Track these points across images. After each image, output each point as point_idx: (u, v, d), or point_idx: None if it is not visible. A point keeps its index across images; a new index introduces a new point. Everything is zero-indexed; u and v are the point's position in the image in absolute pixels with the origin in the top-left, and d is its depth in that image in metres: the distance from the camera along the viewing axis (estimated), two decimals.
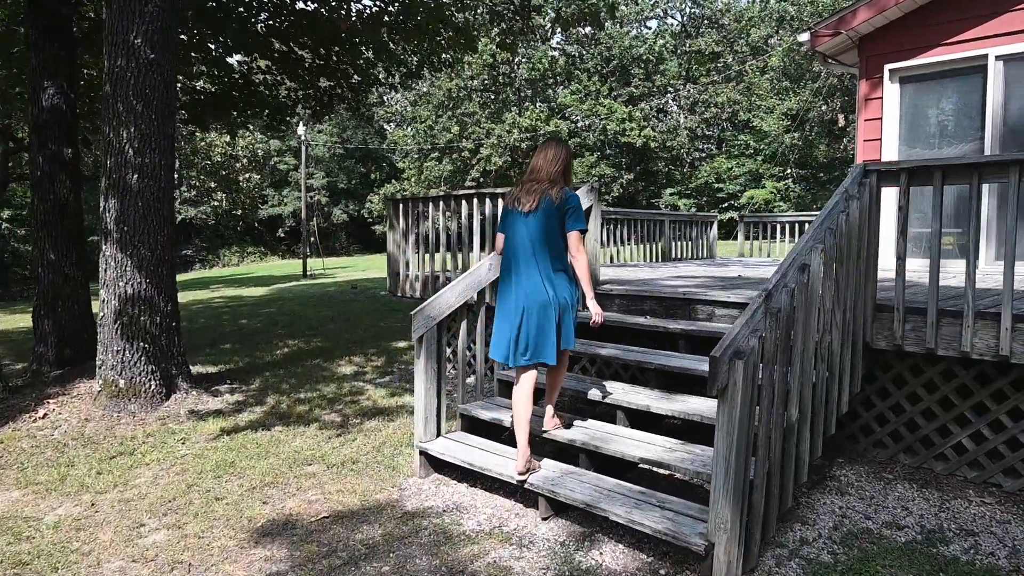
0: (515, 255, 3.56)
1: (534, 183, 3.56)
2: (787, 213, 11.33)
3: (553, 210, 3.48)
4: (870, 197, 3.73)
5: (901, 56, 6.95)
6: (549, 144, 3.69)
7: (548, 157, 3.62)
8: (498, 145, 41.49)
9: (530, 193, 3.54)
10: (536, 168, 3.62)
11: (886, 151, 7.12)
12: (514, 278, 3.56)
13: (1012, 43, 6.30)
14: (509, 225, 3.63)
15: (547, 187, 3.51)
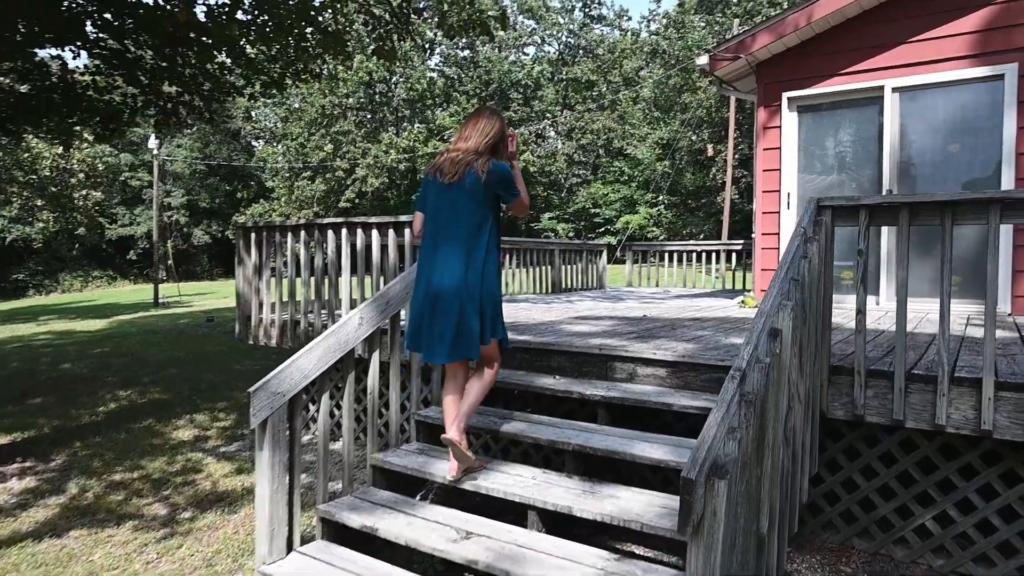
0: (435, 233, 3.18)
1: (459, 152, 3.18)
2: (675, 242, 11.06)
3: (479, 185, 3.11)
4: (826, 238, 3.12)
5: (800, 84, 6.69)
6: (481, 113, 3.27)
7: (479, 126, 3.22)
8: (375, 166, 40.05)
9: (455, 164, 3.15)
10: (464, 137, 3.22)
11: (785, 181, 6.81)
12: (433, 260, 3.17)
13: (907, 75, 6.16)
14: (428, 199, 3.24)
15: (473, 158, 3.14)
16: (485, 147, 3.19)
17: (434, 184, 3.21)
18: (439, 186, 3.18)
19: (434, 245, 3.17)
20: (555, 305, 7.33)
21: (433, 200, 3.21)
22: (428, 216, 3.23)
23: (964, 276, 6.06)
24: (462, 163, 3.13)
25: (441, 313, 3.08)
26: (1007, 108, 5.75)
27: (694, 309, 6.68)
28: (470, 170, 3.12)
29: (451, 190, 3.13)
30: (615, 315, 6.04)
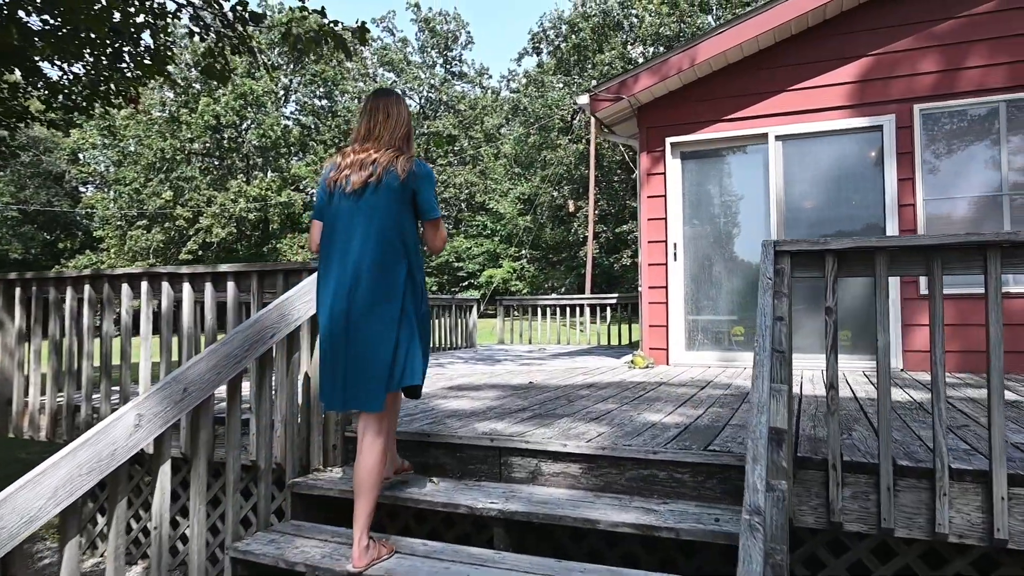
0: (339, 250, 2.49)
1: (368, 152, 2.51)
2: (549, 296, 10.46)
3: (398, 188, 2.48)
4: (789, 291, 2.43)
5: (683, 129, 6.32)
6: (383, 98, 2.59)
7: (388, 115, 2.56)
8: (221, 215, 37.17)
9: (364, 166, 2.48)
10: (368, 130, 2.55)
11: (671, 231, 6.35)
12: (336, 283, 2.47)
13: (791, 123, 5.95)
14: (330, 210, 2.55)
15: (391, 156, 2.50)
16: (400, 140, 2.55)
17: (336, 194, 2.52)
18: (342, 195, 2.50)
19: (340, 266, 2.46)
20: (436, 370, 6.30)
21: (336, 211, 2.50)
22: (329, 228, 2.52)
23: (853, 330, 5.79)
24: (373, 164, 2.46)
25: (348, 350, 2.41)
26: (887, 159, 5.63)
27: (582, 372, 5.94)
28: (389, 170, 2.46)
29: (361, 199, 2.46)
30: (497, 383, 5.14)
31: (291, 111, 46.00)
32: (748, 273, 6.15)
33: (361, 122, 2.56)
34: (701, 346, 6.33)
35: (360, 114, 2.59)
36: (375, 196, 2.45)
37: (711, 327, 6.30)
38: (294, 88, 44.17)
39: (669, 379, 5.22)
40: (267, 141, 39.32)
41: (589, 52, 32.06)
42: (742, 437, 2.87)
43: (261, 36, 37.90)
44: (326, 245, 2.51)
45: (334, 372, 2.43)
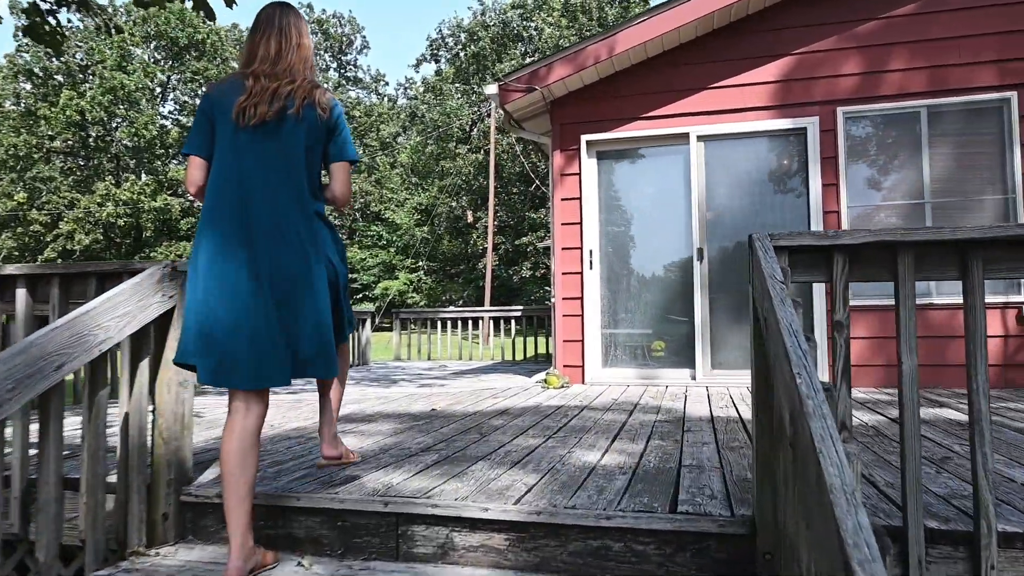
0: (240, 196, 1.93)
1: (274, 77, 1.99)
2: (450, 309, 9.73)
3: (318, 126, 2.02)
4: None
5: (600, 127, 5.81)
6: (291, 15, 2.08)
7: (300, 41, 2.07)
8: (85, 220, 33.80)
9: (277, 97, 1.96)
10: (280, 53, 2.03)
11: (587, 237, 5.80)
12: (239, 233, 1.91)
13: (713, 123, 5.56)
14: (223, 144, 1.97)
15: (309, 88, 2.02)
16: (309, 67, 2.09)
17: (231, 125, 1.97)
18: (238, 130, 1.97)
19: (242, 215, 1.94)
20: (300, 396, 5.41)
21: (233, 148, 1.97)
22: (221, 168, 1.98)
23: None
24: (290, 95, 1.99)
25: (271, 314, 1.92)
26: (812, 164, 5.34)
27: (491, 394, 5.24)
28: (306, 102, 2.01)
29: (267, 133, 1.98)
30: (393, 411, 4.35)
31: (170, 110, 42.84)
32: (669, 283, 5.69)
33: (265, 42, 2.04)
34: (619, 362, 5.81)
35: (261, 30, 2.06)
36: (292, 134, 1.98)
37: (629, 342, 5.79)
38: (172, 86, 41.18)
39: (590, 401, 4.62)
40: (140, 141, 36.27)
41: (488, 62, 31.73)
42: (706, 484, 2.26)
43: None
44: (218, 189, 1.96)
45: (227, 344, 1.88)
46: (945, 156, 5.17)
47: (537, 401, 4.73)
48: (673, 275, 5.68)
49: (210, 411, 4.48)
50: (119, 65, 34.99)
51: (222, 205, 1.94)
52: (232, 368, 1.88)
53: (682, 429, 3.45)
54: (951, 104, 5.14)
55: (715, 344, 5.53)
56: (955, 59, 5.12)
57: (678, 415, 3.97)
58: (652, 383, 5.60)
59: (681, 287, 5.65)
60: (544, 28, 28.54)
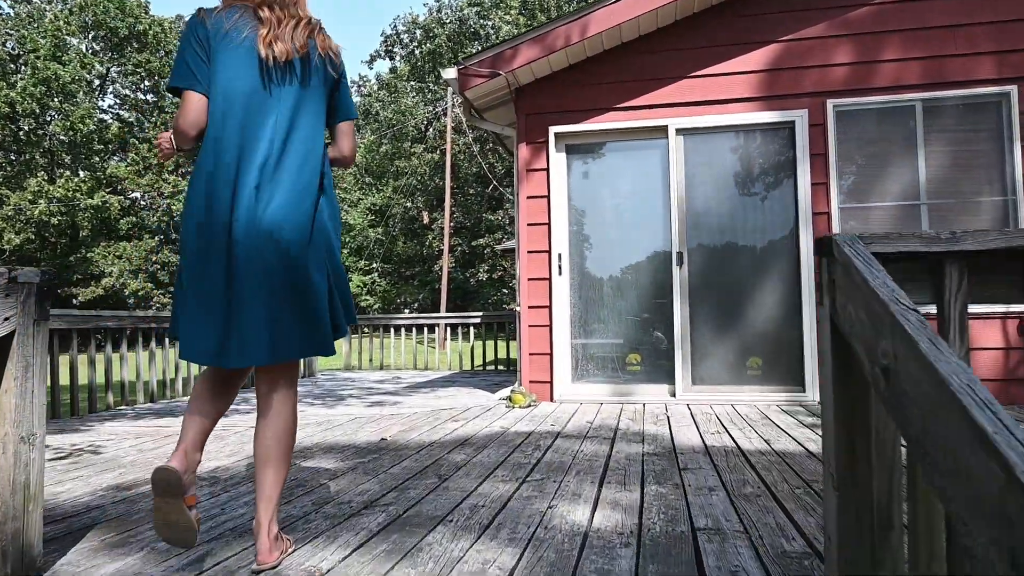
0: (246, 140, 1.70)
1: (295, 15, 1.79)
2: (405, 315, 9.10)
3: (324, 72, 1.83)
4: None
5: (570, 118, 5.27)
6: None
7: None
8: (16, 219, 31.84)
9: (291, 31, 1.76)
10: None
11: (556, 239, 5.26)
12: (248, 188, 1.68)
13: (693, 115, 5.08)
14: (227, 80, 1.72)
15: (314, 24, 1.83)
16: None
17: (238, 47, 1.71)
18: (255, 58, 1.71)
19: (249, 163, 1.67)
20: (226, 421, 4.72)
21: (247, 79, 1.70)
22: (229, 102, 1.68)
23: (765, 357, 4.98)
24: (302, 31, 1.76)
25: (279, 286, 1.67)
26: (800, 162, 4.91)
27: (449, 416, 4.64)
28: (325, 46, 1.81)
29: (285, 73, 1.74)
30: (335, 441, 3.72)
31: (110, 104, 40.86)
32: (645, 290, 5.19)
33: None
34: (590, 377, 5.28)
35: None
36: (314, 79, 1.81)
37: (602, 354, 5.26)
38: (112, 78, 39.31)
39: (563, 426, 4.07)
40: (77, 136, 34.41)
41: (445, 60, 31.03)
42: (739, 565, 1.73)
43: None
44: (222, 132, 1.69)
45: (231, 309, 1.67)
46: (941, 154, 4.79)
47: (503, 425, 4.16)
48: (650, 281, 5.18)
49: (117, 445, 3.77)
50: (53, 55, 33.12)
51: (215, 147, 1.67)
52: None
53: (677, 466, 2.92)
54: (947, 98, 4.77)
55: (696, 357, 5.05)
56: (952, 49, 4.76)
57: (666, 444, 3.45)
58: (628, 400, 5.09)
59: (659, 294, 5.16)
60: (501, 26, 28.02)
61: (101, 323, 5.37)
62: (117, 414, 5.15)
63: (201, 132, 1.72)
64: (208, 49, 1.72)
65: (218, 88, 1.70)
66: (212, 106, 1.70)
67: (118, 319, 5.53)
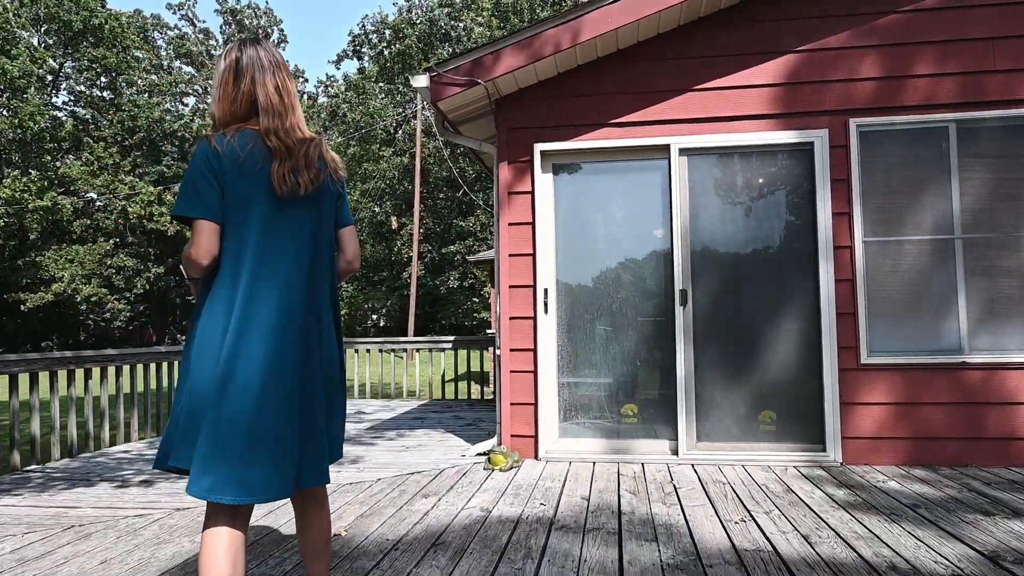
0: (275, 272, 1.74)
1: (308, 139, 1.83)
2: (373, 339, 8.34)
3: (331, 189, 1.89)
4: None
5: (558, 134, 4.61)
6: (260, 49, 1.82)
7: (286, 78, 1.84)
8: None
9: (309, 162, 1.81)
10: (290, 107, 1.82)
11: (541, 272, 4.59)
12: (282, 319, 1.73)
13: (699, 133, 4.46)
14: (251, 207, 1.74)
15: (318, 142, 1.85)
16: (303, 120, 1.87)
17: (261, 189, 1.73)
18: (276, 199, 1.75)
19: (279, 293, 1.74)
20: (132, 491, 3.95)
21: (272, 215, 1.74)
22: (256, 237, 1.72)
23: (779, 410, 4.38)
24: (312, 157, 1.81)
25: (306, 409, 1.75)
26: (819, 188, 4.32)
27: (418, 487, 3.93)
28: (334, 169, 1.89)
29: (308, 204, 1.81)
30: (272, 538, 2.99)
31: (64, 100, 39.12)
32: (643, 332, 4.55)
33: (262, 88, 1.77)
34: (580, 430, 4.62)
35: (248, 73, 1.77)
36: (326, 204, 1.86)
37: (594, 405, 4.61)
38: (66, 74, 37.67)
39: (556, 507, 3.40)
40: (27, 133, 32.76)
41: (415, 61, 30.18)
42: None
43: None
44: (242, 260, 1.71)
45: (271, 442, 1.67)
46: (978, 182, 4.25)
47: (483, 505, 3.46)
48: (649, 322, 4.54)
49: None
50: (1, 49, 31.46)
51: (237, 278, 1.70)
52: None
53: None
54: (985, 119, 4.23)
55: (701, 409, 4.42)
56: (991, 65, 4.21)
57: (686, 544, 2.80)
58: (624, 459, 4.44)
59: (659, 337, 4.52)
60: (473, 28, 27.30)
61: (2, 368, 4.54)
62: (19, 481, 4.33)
63: (214, 260, 1.70)
64: (221, 178, 1.69)
65: (234, 217, 1.70)
66: (227, 234, 1.71)
67: (26, 362, 4.70)
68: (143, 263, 34.29)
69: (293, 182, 1.74)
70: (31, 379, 4.83)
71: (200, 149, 1.71)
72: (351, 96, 33.05)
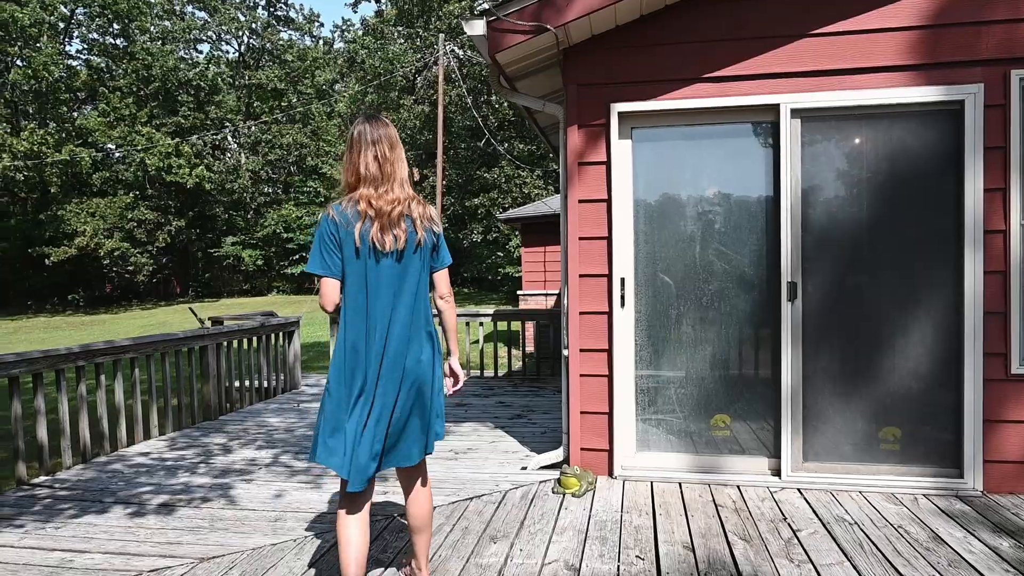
0: (376, 311, 2.25)
1: (396, 201, 2.26)
2: None
3: (428, 241, 2.35)
4: None
5: (639, 92, 3.81)
6: (378, 125, 2.30)
7: (392, 145, 2.31)
8: None
9: (399, 221, 2.25)
10: (388, 174, 2.28)
11: (618, 259, 3.87)
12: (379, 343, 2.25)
13: (815, 89, 3.64)
14: (363, 263, 2.24)
15: (417, 205, 2.33)
16: (408, 181, 2.35)
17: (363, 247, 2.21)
18: (375, 252, 2.23)
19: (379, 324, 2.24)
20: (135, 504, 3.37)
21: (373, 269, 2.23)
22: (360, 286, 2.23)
23: (905, 426, 3.68)
24: (409, 218, 2.28)
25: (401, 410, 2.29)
26: (969, 157, 3.51)
27: (480, 521, 3.32)
28: (423, 223, 2.32)
29: (401, 257, 2.27)
30: None
31: (77, 49, 38.15)
32: (739, 330, 3.84)
33: (363, 159, 2.25)
34: (661, 444, 3.97)
35: (356, 148, 2.27)
36: (408, 252, 2.29)
37: (678, 414, 3.94)
38: (78, 21, 36.60)
39: (658, 565, 2.76)
40: (40, 84, 32.00)
41: (434, 2, 28.72)
42: None
43: None
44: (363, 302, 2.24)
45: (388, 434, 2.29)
46: None
47: (568, 559, 2.84)
48: (746, 319, 3.83)
49: None
50: None
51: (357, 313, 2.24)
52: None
53: None
54: None
55: (809, 423, 3.73)
56: None
57: None
58: (716, 479, 3.79)
59: (759, 337, 3.81)
60: None
61: None
62: (24, 501, 3.80)
63: (337, 306, 2.26)
64: (339, 242, 2.21)
65: (348, 271, 2.23)
66: (346, 285, 2.25)
67: (27, 362, 4.12)
68: (164, 216, 33.87)
69: (381, 240, 2.21)
70: (35, 380, 4.25)
71: (324, 220, 2.22)
72: (368, 41, 31.79)
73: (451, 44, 25.44)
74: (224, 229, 37.04)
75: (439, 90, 21.46)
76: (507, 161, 26.96)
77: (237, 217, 37.22)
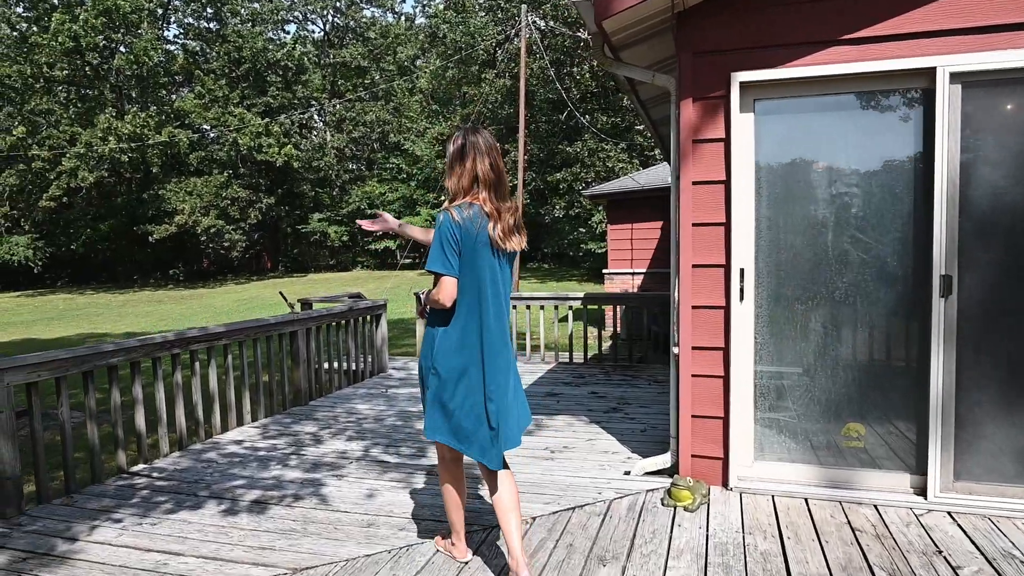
0: (486, 307, 2.47)
1: (515, 208, 2.50)
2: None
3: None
4: None
5: (764, 59, 3.36)
6: (485, 135, 2.47)
7: (498, 158, 2.48)
8: (88, 156, 31.63)
9: (512, 229, 2.49)
10: (504, 182, 2.50)
11: (737, 247, 3.46)
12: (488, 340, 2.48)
13: (976, 49, 3.09)
14: (476, 262, 2.44)
15: (517, 214, 2.56)
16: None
17: (486, 247, 2.43)
18: (493, 251, 2.45)
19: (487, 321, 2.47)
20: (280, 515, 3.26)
21: (487, 267, 2.44)
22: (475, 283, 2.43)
23: None
24: (512, 225, 2.50)
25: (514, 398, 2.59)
26: None
27: (580, 526, 3.04)
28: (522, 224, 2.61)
29: (505, 258, 2.53)
30: None
31: (174, 34, 39.81)
32: (878, 329, 3.38)
33: (480, 165, 2.42)
34: (782, 454, 3.57)
35: (471, 156, 2.42)
36: (513, 260, 2.57)
37: (803, 421, 3.52)
38: (174, 6, 38.07)
39: None
40: (142, 69, 33.56)
41: None
42: None
43: None
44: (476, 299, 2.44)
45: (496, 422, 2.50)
46: None
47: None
48: (887, 317, 3.35)
49: None
50: None
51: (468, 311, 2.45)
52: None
53: None
54: None
55: (963, 437, 3.25)
56: None
57: None
58: (846, 497, 3.37)
59: (902, 337, 3.33)
60: None
61: (94, 361, 3.97)
62: (123, 491, 3.81)
63: (455, 302, 2.42)
64: (460, 243, 2.38)
65: (467, 270, 2.41)
66: (462, 282, 2.41)
67: (125, 351, 4.13)
68: (255, 194, 35.09)
69: (505, 241, 2.44)
70: (132, 368, 4.27)
71: (445, 219, 2.38)
72: (450, 15, 31.55)
73: (533, 15, 24.86)
74: (311, 206, 38.05)
75: (521, 62, 21.01)
76: (590, 134, 26.29)
77: (323, 194, 38.13)
